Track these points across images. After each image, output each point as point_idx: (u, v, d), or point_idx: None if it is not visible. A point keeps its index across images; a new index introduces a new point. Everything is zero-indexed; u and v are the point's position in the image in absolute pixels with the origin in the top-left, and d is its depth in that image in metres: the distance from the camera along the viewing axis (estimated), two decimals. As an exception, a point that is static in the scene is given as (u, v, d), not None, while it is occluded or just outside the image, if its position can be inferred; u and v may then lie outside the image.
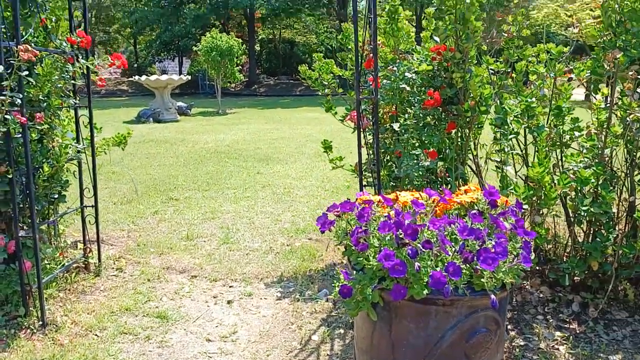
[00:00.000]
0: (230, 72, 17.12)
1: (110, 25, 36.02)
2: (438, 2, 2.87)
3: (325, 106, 4.01)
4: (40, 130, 3.22)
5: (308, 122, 14.08)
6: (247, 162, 7.95)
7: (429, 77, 3.14)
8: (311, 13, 33.05)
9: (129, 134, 4.54)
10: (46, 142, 3.39)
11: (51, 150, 3.33)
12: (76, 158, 3.53)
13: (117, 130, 11.89)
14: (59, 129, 3.51)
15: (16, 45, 2.75)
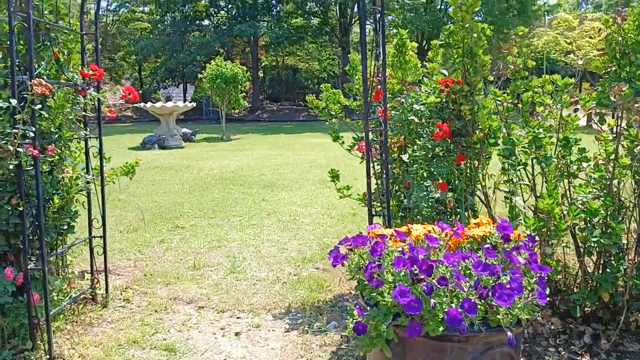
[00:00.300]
0: (235, 99, 17.29)
1: (115, 53, 36.54)
2: (445, 36, 2.91)
3: (332, 136, 4.03)
4: (51, 161, 3.25)
5: (312, 147, 14.15)
6: (252, 188, 7.96)
7: (437, 109, 3.17)
8: (314, 41, 33.54)
9: (137, 163, 4.56)
10: (56, 173, 3.41)
11: (61, 182, 3.35)
12: (85, 189, 3.54)
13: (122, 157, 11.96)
14: (70, 160, 3.54)
15: (30, 79, 2.79)
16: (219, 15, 33.36)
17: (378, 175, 3.57)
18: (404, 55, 3.44)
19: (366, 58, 2.79)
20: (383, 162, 3.04)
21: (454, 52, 2.97)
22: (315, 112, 4.31)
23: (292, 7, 31.48)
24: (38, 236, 2.96)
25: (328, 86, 4.26)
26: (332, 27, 31.42)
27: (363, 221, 5.50)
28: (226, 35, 30.48)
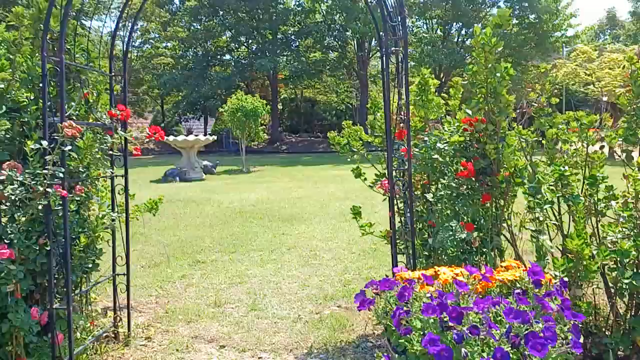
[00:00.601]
0: (255, 131, 17.53)
1: (139, 87, 37.52)
2: (469, 76, 2.92)
3: (354, 172, 4.03)
4: (79, 201, 3.30)
5: (331, 179, 14.18)
6: (272, 222, 7.97)
7: (461, 147, 3.16)
8: (332, 74, 34.07)
9: (160, 199, 4.61)
10: (83, 211, 3.46)
11: (87, 220, 3.40)
12: (111, 227, 3.58)
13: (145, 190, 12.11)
14: (97, 198, 3.60)
15: (60, 122, 2.87)
16: (239, 51, 34.18)
17: (401, 213, 3.54)
18: (427, 93, 3.46)
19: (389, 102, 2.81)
20: (407, 201, 3.01)
21: (478, 91, 2.97)
22: (337, 148, 4.33)
23: (311, 42, 32.12)
24: (64, 275, 2.99)
25: (349, 123, 4.29)
26: (350, 60, 31.90)
27: (385, 256, 5.44)
28: (246, 70, 31.14)
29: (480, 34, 2.87)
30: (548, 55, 27.13)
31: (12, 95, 3.10)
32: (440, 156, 3.12)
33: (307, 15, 32.01)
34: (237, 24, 31.35)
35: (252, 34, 32.03)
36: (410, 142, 2.94)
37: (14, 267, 2.77)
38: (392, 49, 3.08)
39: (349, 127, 4.22)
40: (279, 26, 31.23)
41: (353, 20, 26.33)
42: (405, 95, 2.84)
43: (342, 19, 29.34)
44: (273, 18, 30.89)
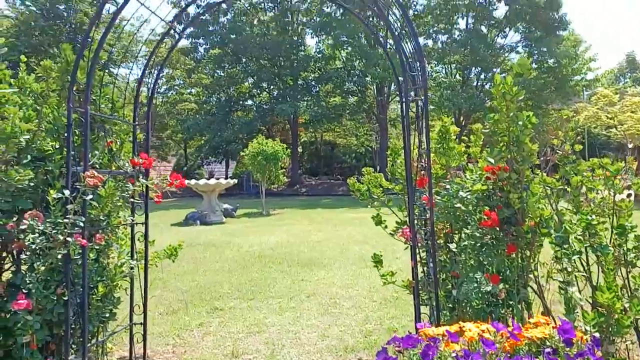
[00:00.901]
0: (275, 175, 17.65)
1: (163, 132, 38.43)
2: (490, 125, 2.89)
3: (374, 220, 3.98)
4: (98, 249, 3.30)
5: (350, 222, 14.07)
6: (291, 267, 7.87)
7: (484, 196, 3.09)
8: (351, 118, 34.45)
9: (180, 245, 4.60)
10: (102, 259, 3.45)
11: (107, 268, 3.39)
12: (129, 275, 3.56)
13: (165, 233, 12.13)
14: (117, 246, 3.60)
15: (84, 171, 2.91)
16: (261, 96, 34.94)
17: (424, 263, 3.45)
18: (448, 141, 3.43)
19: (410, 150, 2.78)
20: (429, 250, 2.94)
21: (500, 139, 2.93)
22: (356, 195, 4.29)
23: (331, 87, 32.70)
24: (81, 325, 2.96)
25: (370, 170, 4.27)
26: (370, 104, 32.30)
27: (407, 305, 5.29)
28: (268, 114, 31.71)
29: (500, 82, 2.85)
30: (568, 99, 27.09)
31: (37, 144, 3.17)
32: (463, 205, 3.05)
33: (327, 62, 32.74)
34: (259, 70, 32.18)
35: (273, 80, 32.80)
36: (432, 190, 2.89)
37: (31, 317, 2.75)
38: (411, 97, 3.08)
39: (369, 173, 4.19)
40: (299, 72, 31.94)
41: (372, 65, 26.80)
42: (426, 142, 2.81)
43: (361, 64, 29.90)
44: (294, 65, 31.66)
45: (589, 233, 3.04)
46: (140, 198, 3.74)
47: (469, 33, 28.75)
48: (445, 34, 29.74)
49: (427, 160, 2.81)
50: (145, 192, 3.70)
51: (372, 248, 9.39)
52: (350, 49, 29.58)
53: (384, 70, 25.97)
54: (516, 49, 30.18)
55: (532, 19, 27.36)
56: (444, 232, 3.35)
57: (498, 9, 29.49)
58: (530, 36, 28.49)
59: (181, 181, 3.56)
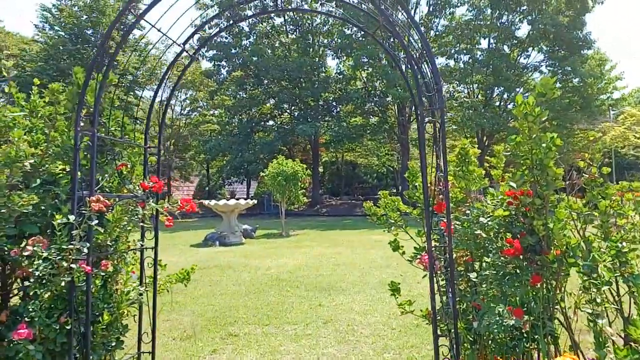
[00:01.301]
0: (295, 195, 17.57)
1: (186, 152, 38.91)
2: (512, 147, 2.74)
3: (391, 245, 3.82)
4: (104, 275, 3.22)
5: (371, 245, 13.83)
6: (309, 291, 7.70)
7: (506, 222, 2.92)
8: (372, 138, 34.33)
9: (193, 269, 4.49)
10: (110, 285, 3.36)
11: (113, 295, 3.29)
12: (137, 302, 3.46)
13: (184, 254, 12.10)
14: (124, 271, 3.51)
15: (89, 195, 2.84)
16: (282, 117, 35.17)
17: (443, 292, 3.27)
18: (467, 164, 3.27)
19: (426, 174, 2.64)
20: (449, 281, 2.77)
21: (522, 162, 2.77)
22: (373, 219, 4.14)
23: (352, 108, 32.73)
24: (84, 356, 2.86)
25: (386, 193, 4.13)
26: (391, 124, 32.16)
27: (428, 333, 5.07)
28: (288, 135, 31.85)
29: (522, 103, 2.71)
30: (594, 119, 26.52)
31: (46, 168, 3.12)
32: (484, 232, 2.88)
33: (348, 83, 32.85)
34: (281, 91, 32.46)
35: (294, 101, 33.02)
36: (450, 216, 2.73)
37: (33, 347, 2.66)
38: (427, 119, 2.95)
39: (386, 197, 4.05)
40: (320, 93, 32.09)
41: (393, 86, 26.74)
42: (443, 166, 2.66)
43: (382, 85, 29.90)
44: (315, 86, 31.84)
45: (619, 261, 2.84)
46: (151, 222, 3.66)
47: (491, 53, 28.54)
48: (467, 54, 29.57)
49: (445, 184, 2.66)
50: (156, 215, 3.62)
51: (393, 272, 9.17)
52: (370, 70, 29.60)
53: (404, 90, 25.87)
54: (540, 68, 29.82)
55: (555, 38, 27.04)
56: (463, 259, 3.18)
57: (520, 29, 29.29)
58: (553, 55, 28.13)
59: (191, 205, 3.47)
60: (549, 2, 26.32)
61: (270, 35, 33.83)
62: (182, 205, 3.44)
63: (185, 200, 3.47)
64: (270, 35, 33.78)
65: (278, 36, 34.23)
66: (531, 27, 27.42)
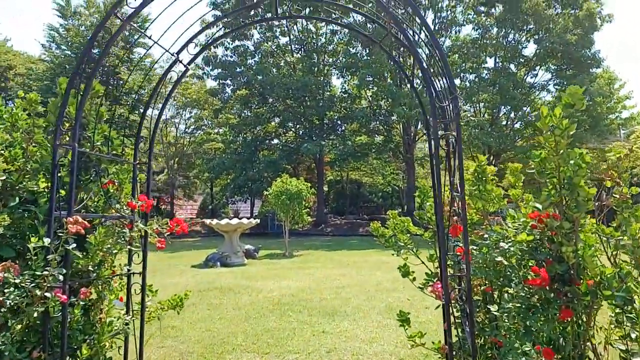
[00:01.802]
0: (299, 214, 17.25)
1: (190, 171, 38.78)
2: (536, 164, 2.46)
3: (401, 271, 3.52)
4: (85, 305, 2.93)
5: (377, 266, 13.45)
6: (312, 316, 7.35)
7: (530, 248, 2.62)
8: (377, 157, 34.07)
9: (187, 295, 4.20)
10: (94, 314, 3.08)
11: (96, 326, 3.00)
12: (123, 332, 3.17)
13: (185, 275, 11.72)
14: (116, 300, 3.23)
15: (67, 216, 2.57)
16: (287, 135, 35.04)
17: (458, 324, 2.96)
18: (485, 183, 2.99)
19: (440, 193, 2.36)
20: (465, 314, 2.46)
21: (548, 181, 2.48)
22: (381, 241, 3.85)
23: (357, 126, 32.55)
24: (57, 396, 2.56)
25: (395, 213, 3.83)
26: (396, 143, 31.91)
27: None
28: (293, 153, 31.66)
29: (548, 114, 2.43)
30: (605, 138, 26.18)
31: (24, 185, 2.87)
32: (505, 258, 2.58)
33: (353, 101, 32.74)
34: (285, 110, 32.38)
35: (299, 119, 32.92)
36: (468, 241, 2.43)
37: (-2, 386, 2.36)
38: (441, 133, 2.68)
39: (395, 217, 3.76)
40: (325, 112, 31.98)
41: (398, 105, 26.57)
42: (459, 184, 2.38)
43: (387, 104, 29.75)
44: (320, 104, 31.74)
45: (657, 293, 2.52)
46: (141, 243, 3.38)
47: (497, 72, 28.40)
48: (473, 73, 29.45)
49: (462, 205, 2.38)
50: (144, 238, 3.34)
51: (399, 296, 8.80)
52: (375, 89, 29.49)
53: (410, 109, 25.70)
54: (547, 87, 29.63)
55: (563, 57, 26.88)
56: (481, 289, 2.87)
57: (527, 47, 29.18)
58: (561, 74, 27.95)
59: (182, 226, 3.19)
60: (556, 20, 26.22)
61: (276, 54, 33.90)
62: (172, 227, 3.17)
63: (176, 220, 3.20)
64: (275, 54, 33.84)
65: (283, 55, 34.29)
66: (538, 45, 27.29)
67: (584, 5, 26.37)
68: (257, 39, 33.72)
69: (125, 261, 3.37)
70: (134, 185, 3.39)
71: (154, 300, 3.85)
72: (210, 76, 34.13)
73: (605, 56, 28.53)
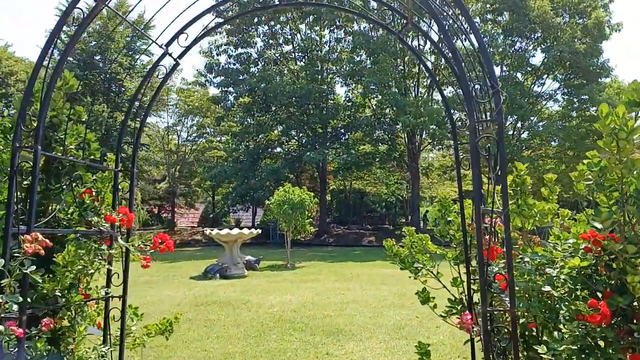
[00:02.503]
0: (302, 224, 16.79)
1: (192, 179, 38.40)
2: (595, 174, 2.01)
3: (420, 297, 3.07)
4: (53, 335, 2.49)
5: (382, 280, 12.95)
6: (315, 335, 6.87)
7: (582, 275, 2.17)
8: (381, 166, 33.57)
9: (177, 318, 3.77)
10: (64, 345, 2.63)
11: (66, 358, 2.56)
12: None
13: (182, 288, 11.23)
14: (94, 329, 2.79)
15: (26, 232, 2.13)
16: (290, 144, 34.64)
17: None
18: (525, 196, 2.54)
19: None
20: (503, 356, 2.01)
21: (609, 195, 2.04)
22: (395, 261, 3.40)
23: (360, 135, 32.11)
24: None
25: (412, 229, 3.39)
26: (401, 153, 31.42)
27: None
28: (296, 162, 31.24)
29: (608, 113, 1.99)
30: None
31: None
32: (553, 288, 2.13)
33: (357, 110, 32.33)
34: (288, 118, 32.01)
35: (302, 127, 32.51)
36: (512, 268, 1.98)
37: None
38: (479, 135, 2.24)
39: (412, 234, 3.31)
40: (328, 120, 31.57)
41: (403, 113, 26.15)
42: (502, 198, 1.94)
43: (392, 112, 29.32)
44: (323, 113, 31.35)
45: None
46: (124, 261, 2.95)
47: (504, 81, 27.99)
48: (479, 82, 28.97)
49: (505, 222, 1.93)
50: (125, 256, 2.90)
51: (408, 313, 8.32)
52: (380, 97, 29.05)
53: (415, 117, 25.26)
54: (555, 96, 29.19)
55: (571, 66, 26.44)
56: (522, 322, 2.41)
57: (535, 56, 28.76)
58: (569, 83, 27.50)
59: (167, 243, 2.75)
60: (564, 29, 25.83)
61: (279, 62, 33.58)
62: (157, 244, 2.73)
63: (161, 236, 2.76)
64: (278, 62, 33.52)
65: (287, 63, 33.96)
66: (546, 54, 26.88)
67: (592, 14, 26.00)
68: (260, 46, 33.46)
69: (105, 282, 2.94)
70: (115, 196, 2.96)
71: (140, 324, 3.41)
72: (213, 84, 33.85)
73: (614, 65, 27.99)
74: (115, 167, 2.98)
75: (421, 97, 29.91)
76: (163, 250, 2.75)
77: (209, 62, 32.98)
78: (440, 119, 25.24)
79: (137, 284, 12.27)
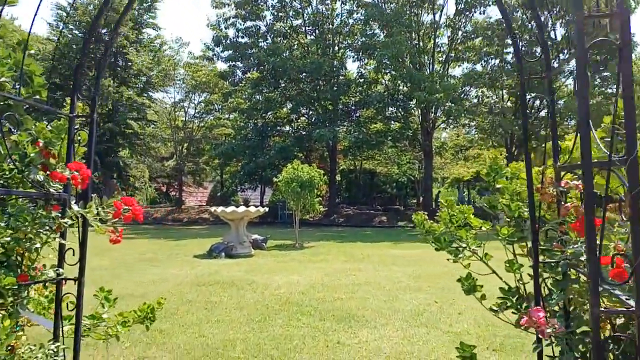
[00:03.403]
0: (310, 203, 16.12)
1: (199, 157, 37.82)
2: None
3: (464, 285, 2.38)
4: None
5: (395, 261, 12.30)
6: (324, 321, 6.25)
7: None
8: (393, 145, 32.67)
9: (160, 304, 3.15)
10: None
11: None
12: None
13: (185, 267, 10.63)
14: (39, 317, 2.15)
15: None
16: (299, 121, 33.85)
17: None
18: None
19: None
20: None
21: None
22: (428, 239, 2.70)
23: (372, 112, 31.19)
24: None
25: (451, 200, 2.68)
26: (414, 131, 30.47)
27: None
28: (305, 140, 30.49)
29: None
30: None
31: None
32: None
33: (369, 86, 31.34)
34: (298, 95, 31.14)
35: (312, 104, 31.63)
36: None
37: None
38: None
39: (452, 206, 2.61)
40: (339, 97, 30.61)
41: (418, 89, 25.18)
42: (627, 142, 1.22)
43: (406, 88, 28.34)
44: (334, 89, 30.39)
45: None
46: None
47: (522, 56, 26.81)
48: (497, 58, 27.95)
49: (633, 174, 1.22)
50: (82, 227, 2.24)
51: (426, 297, 7.66)
52: (394, 72, 28.02)
53: (430, 93, 24.30)
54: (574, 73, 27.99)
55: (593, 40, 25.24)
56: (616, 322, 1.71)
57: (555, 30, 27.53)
58: (591, 59, 26.34)
59: (134, 210, 2.08)
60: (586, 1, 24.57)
61: (289, 35, 32.53)
62: (119, 211, 2.05)
63: (125, 201, 2.08)
64: (288, 35, 32.47)
65: (297, 36, 32.90)
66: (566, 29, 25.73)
67: (617, -15, 24.66)
68: (270, 19, 32.42)
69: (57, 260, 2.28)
70: (70, 149, 2.28)
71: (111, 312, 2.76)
72: (221, 58, 32.94)
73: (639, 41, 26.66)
74: (70, 111, 2.30)
75: (437, 72, 28.82)
76: (128, 219, 2.09)
77: (216, 35, 32.05)
78: (457, 95, 24.27)
79: (139, 262, 11.76)
